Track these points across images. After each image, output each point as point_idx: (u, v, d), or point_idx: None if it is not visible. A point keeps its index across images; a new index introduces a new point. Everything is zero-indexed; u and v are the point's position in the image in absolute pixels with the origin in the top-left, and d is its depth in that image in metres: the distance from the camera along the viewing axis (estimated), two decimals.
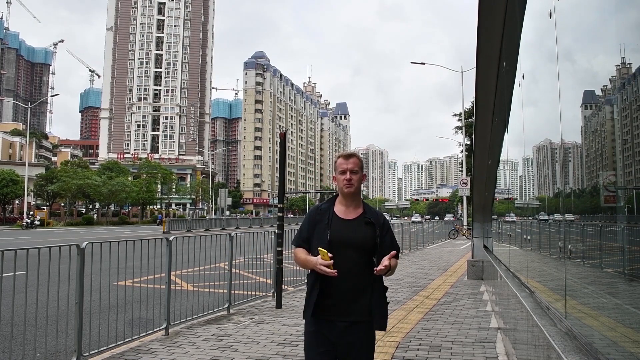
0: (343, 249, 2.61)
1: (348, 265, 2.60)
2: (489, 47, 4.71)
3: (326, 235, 2.64)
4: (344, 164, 2.72)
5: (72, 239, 15.95)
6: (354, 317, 2.61)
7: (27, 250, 4.56)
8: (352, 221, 2.70)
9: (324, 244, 2.61)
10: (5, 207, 53.84)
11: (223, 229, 40.15)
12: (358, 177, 2.72)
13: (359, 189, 2.74)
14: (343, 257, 2.59)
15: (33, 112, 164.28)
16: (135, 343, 5.47)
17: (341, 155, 2.79)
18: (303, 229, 2.80)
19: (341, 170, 2.72)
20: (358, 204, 2.76)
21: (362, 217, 2.71)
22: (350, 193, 2.71)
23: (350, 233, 2.66)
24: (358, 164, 2.73)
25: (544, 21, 2.89)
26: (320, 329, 2.63)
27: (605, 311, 2.42)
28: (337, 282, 2.58)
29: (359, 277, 2.62)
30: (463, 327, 6.39)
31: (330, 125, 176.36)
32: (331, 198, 2.84)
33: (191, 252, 7.28)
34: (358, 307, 2.61)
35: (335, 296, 2.61)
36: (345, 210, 2.73)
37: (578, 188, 3.03)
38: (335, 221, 2.69)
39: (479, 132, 7.20)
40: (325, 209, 2.75)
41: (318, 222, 2.71)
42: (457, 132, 40.85)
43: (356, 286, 2.62)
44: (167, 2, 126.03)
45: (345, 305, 2.61)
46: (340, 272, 2.55)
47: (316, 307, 2.61)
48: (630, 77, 1.99)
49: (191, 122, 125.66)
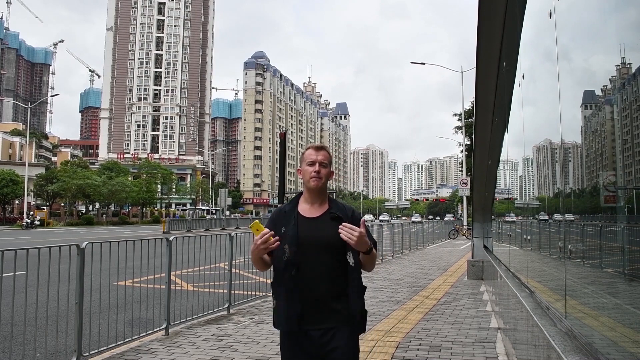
0: (312, 250, 2.39)
1: (320, 268, 2.39)
2: (489, 47, 4.71)
3: (295, 237, 2.40)
4: (313, 155, 2.51)
5: (72, 239, 15.93)
6: (329, 324, 2.38)
7: (27, 250, 4.56)
8: (317, 219, 2.47)
9: (294, 246, 2.38)
10: (5, 207, 53.82)
11: (223, 228, 40.15)
12: (327, 172, 2.52)
13: (325, 184, 2.53)
14: (313, 260, 2.38)
15: (33, 112, 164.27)
16: (135, 343, 5.47)
17: (311, 146, 2.59)
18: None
19: (310, 162, 2.50)
20: (323, 201, 2.54)
21: (327, 213, 2.48)
22: (316, 187, 2.48)
23: (317, 232, 2.42)
24: (328, 157, 2.53)
25: (544, 21, 2.89)
26: (294, 341, 2.40)
27: (605, 311, 2.41)
28: (308, 288, 2.37)
29: (333, 281, 2.39)
30: (463, 327, 6.39)
31: (330, 125, 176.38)
32: (294, 198, 2.62)
33: (191, 252, 7.28)
34: (333, 314, 2.38)
35: (307, 303, 2.37)
36: (310, 208, 2.51)
37: (578, 188, 3.03)
38: (301, 222, 2.46)
39: (479, 132, 7.20)
40: (289, 210, 2.52)
41: (284, 225, 2.46)
42: (457, 132, 40.91)
43: (330, 291, 2.39)
44: (167, 2, 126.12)
45: (319, 313, 2.38)
46: (311, 277, 2.36)
47: (289, 317, 2.37)
48: (630, 77, 1.99)
49: (191, 122, 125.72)
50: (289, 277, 2.38)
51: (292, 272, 2.37)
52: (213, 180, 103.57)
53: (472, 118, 24.26)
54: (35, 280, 4.49)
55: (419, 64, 33.68)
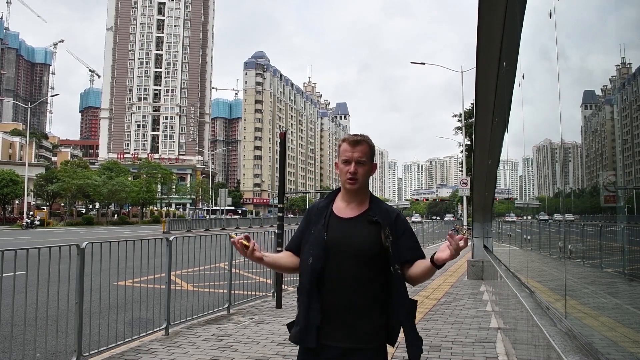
0: (339, 255, 2.08)
1: (344, 276, 2.07)
2: (489, 47, 4.71)
3: (322, 239, 2.11)
4: (349, 151, 2.13)
5: (72, 239, 15.91)
6: (349, 344, 2.04)
7: (27, 250, 4.56)
8: (351, 220, 2.15)
9: (319, 249, 2.09)
10: (5, 207, 53.82)
11: (223, 229, 40.16)
12: (365, 170, 2.14)
13: (365, 183, 2.16)
14: (338, 266, 2.08)
15: (33, 112, 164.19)
16: (135, 343, 5.47)
17: (347, 139, 2.17)
18: (297, 231, 2.32)
19: (345, 159, 2.14)
20: (363, 200, 2.19)
21: (364, 215, 2.15)
22: (353, 190, 2.16)
23: (348, 236, 2.11)
24: (367, 152, 2.14)
25: (544, 21, 2.89)
26: (310, 354, 2.11)
27: (605, 311, 2.41)
28: (329, 298, 2.07)
29: (358, 294, 2.06)
30: (463, 327, 6.39)
31: (330, 125, 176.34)
32: (332, 192, 2.29)
33: (191, 252, 7.28)
34: (355, 332, 2.05)
35: (329, 316, 2.06)
36: (346, 208, 2.18)
37: (578, 188, 3.03)
38: (333, 221, 2.15)
39: (479, 132, 7.20)
40: (323, 206, 2.22)
41: (315, 224, 2.18)
42: (457, 133, 40.87)
43: (354, 305, 2.05)
44: (167, 2, 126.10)
45: (341, 328, 2.05)
46: (336, 286, 2.06)
47: (306, 329, 2.08)
48: (630, 77, 1.99)
49: (191, 122, 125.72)
50: (309, 283, 2.09)
51: (314, 278, 2.08)
52: (213, 180, 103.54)
53: (472, 118, 24.25)
54: (35, 280, 4.48)
55: (419, 64, 33.63)
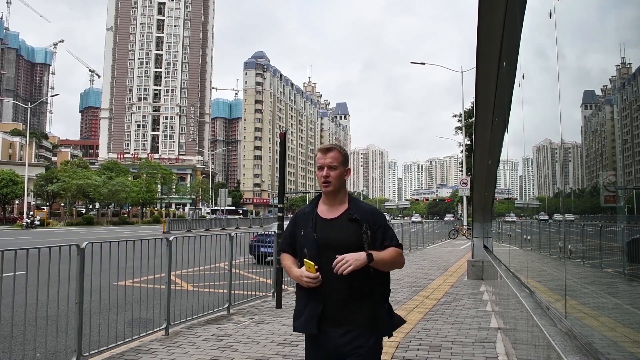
0: (330, 252, 2.35)
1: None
2: (489, 47, 4.71)
3: (313, 241, 2.40)
4: (322, 158, 2.44)
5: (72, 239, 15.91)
6: (347, 327, 2.35)
7: (27, 250, 4.55)
8: (334, 220, 2.43)
9: (312, 249, 2.38)
10: (5, 207, 53.81)
11: (223, 229, 40.16)
12: (337, 174, 2.43)
13: (339, 186, 2.45)
14: (329, 261, 2.32)
15: (33, 112, 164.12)
16: (135, 343, 5.47)
17: (320, 148, 2.49)
18: (286, 233, 2.60)
19: (319, 166, 2.44)
20: (342, 201, 2.47)
21: (345, 214, 2.43)
22: (328, 192, 2.45)
23: (333, 234, 2.40)
24: (338, 158, 2.44)
25: (544, 21, 2.89)
26: (315, 342, 2.42)
27: (605, 311, 2.41)
28: (329, 290, 2.35)
29: (353, 283, 2.33)
30: (463, 327, 6.39)
31: (330, 125, 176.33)
32: (315, 198, 2.58)
33: (191, 252, 7.27)
34: (354, 317, 2.35)
35: (328, 305, 2.36)
36: (329, 209, 2.47)
37: (578, 188, 3.03)
38: (319, 223, 2.44)
39: (479, 132, 7.20)
40: (309, 211, 2.50)
41: (304, 227, 2.47)
42: (458, 133, 40.88)
43: (350, 293, 2.35)
44: (167, 2, 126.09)
45: (339, 315, 2.36)
46: (331, 279, 2.32)
47: (309, 319, 2.37)
48: (630, 77, 1.99)
49: (191, 122, 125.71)
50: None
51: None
52: (213, 180, 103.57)
53: (472, 118, 24.26)
54: (35, 281, 4.48)
55: (419, 64, 33.61)
